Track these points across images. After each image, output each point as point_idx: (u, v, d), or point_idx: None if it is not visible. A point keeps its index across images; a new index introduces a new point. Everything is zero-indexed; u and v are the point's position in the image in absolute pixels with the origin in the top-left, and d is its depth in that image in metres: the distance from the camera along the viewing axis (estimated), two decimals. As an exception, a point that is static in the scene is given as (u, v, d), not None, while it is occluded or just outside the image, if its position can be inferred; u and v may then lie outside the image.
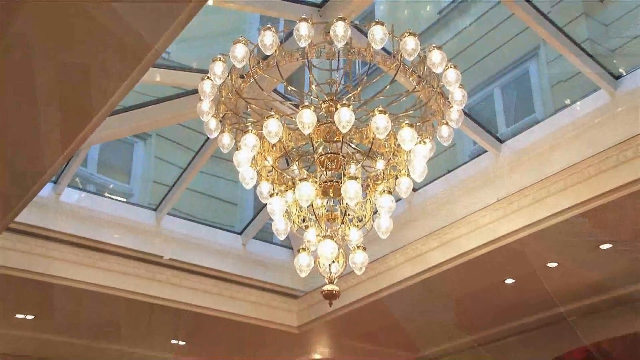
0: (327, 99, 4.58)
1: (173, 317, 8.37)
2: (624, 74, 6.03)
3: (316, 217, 4.53)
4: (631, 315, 7.40)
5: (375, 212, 4.66)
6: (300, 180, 4.33)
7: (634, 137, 5.53)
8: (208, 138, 6.01)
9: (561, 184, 6.05)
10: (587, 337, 7.39)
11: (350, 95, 4.58)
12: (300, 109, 4.16)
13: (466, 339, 9.12)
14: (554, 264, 6.93)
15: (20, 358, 9.45)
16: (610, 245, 6.53)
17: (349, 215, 4.58)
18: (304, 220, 4.66)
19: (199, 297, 8.23)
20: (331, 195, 4.53)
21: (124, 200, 8.65)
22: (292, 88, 5.11)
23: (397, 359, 9.93)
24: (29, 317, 8.30)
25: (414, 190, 7.38)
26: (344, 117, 4.04)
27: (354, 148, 4.74)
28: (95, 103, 4.26)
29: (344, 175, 4.34)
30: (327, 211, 4.58)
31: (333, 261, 4.46)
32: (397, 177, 4.64)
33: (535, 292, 7.60)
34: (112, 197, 8.66)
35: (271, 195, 4.55)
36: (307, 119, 4.11)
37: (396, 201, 4.65)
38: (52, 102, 4.25)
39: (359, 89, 4.64)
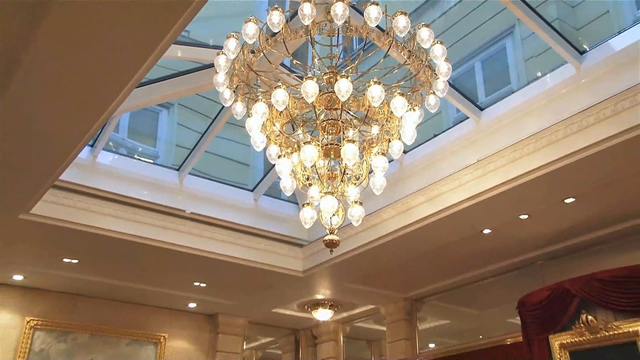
0: (328, 71, 4.57)
1: (194, 263, 8.43)
2: (588, 50, 5.99)
3: (318, 176, 4.56)
4: (589, 259, 7.47)
5: (371, 171, 4.68)
6: (304, 143, 4.33)
7: (595, 105, 5.51)
8: (223, 106, 5.99)
9: (532, 147, 6.03)
10: (551, 278, 7.45)
11: (348, 68, 4.54)
12: (304, 80, 4.14)
13: (449, 281, 9.25)
14: (525, 216, 6.94)
15: (67, 295, 9.62)
16: (573, 200, 6.54)
17: (347, 174, 4.59)
18: (307, 179, 4.68)
19: (217, 245, 8.27)
20: (332, 156, 4.54)
21: (151, 161, 8.65)
22: (297, 62, 5.08)
23: (389, 299, 10.02)
24: (74, 261, 8.40)
25: (405, 152, 7.38)
26: (343, 87, 4.05)
27: (351, 115, 4.73)
28: (124, 76, 4.26)
29: (343, 139, 4.37)
30: (328, 171, 4.59)
31: (333, 214, 4.49)
32: (389, 141, 4.64)
33: (509, 240, 7.66)
34: (141, 158, 8.65)
35: (279, 157, 4.58)
36: (310, 89, 4.10)
37: (389, 162, 4.66)
38: (87, 76, 4.23)
39: (356, 63, 4.60)
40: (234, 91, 4.63)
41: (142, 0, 3.43)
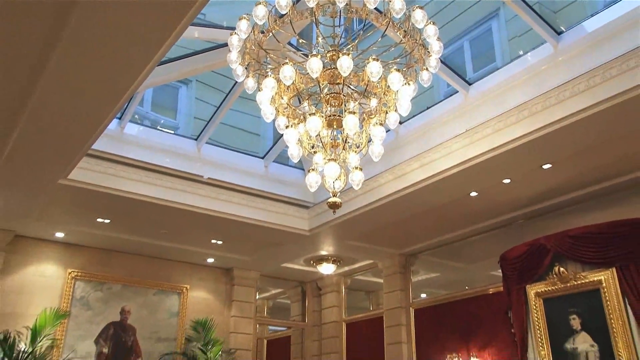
0: (331, 49, 4.52)
1: (212, 223, 8.47)
2: (564, 31, 5.94)
3: (322, 144, 4.55)
4: (563, 218, 7.49)
5: (370, 140, 4.67)
6: (309, 114, 4.33)
7: (571, 81, 5.51)
8: (236, 82, 5.98)
9: (514, 118, 6.01)
10: (529, 235, 7.49)
11: (349, 46, 4.51)
12: (310, 57, 4.12)
13: (439, 238, 9.28)
14: (508, 180, 6.94)
15: (102, 250, 9.70)
16: (550, 165, 6.54)
17: (348, 142, 4.59)
18: (312, 147, 4.66)
19: (231, 207, 8.29)
20: (334, 126, 4.52)
21: (172, 132, 8.63)
22: (303, 41, 5.03)
23: (385, 254, 10.08)
24: (106, 220, 8.47)
25: (400, 122, 7.20)
26: (345, 64, 4.01)
27: (352, 89, 4.70)
28: (147, 55, 4.24)
29: (345, 111, 4.34)
30: (331, 139, 4.58)
31: (336, 179, 4.49)
32: (387, 112, 4.61)
33: (493, 202, 7.67)
34: (163, 129, 8.63)
35: (287, 127, 4.55)
36: (315, 65, 4.08)
37: (386, 131, 4.65)
38: (115, 55, 4.23)
39: (356, 41, 4.58)
40: (246, 68, 4.59)
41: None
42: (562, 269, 6.68)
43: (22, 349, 8.14)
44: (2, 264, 8.68)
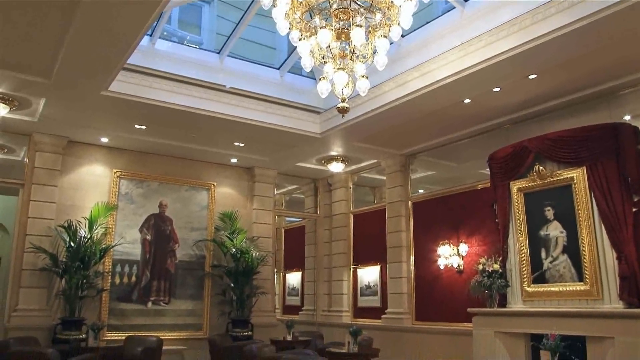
0: (339, -32, 4.42)
1: (234, 127, 8.56)
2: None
3: (332, 55, 4.53)
4: (545, 123, 7.51)
5: (375, 51, 4.66)
6: (320, 28, 4.27)
7: (558, -1, 5.39)
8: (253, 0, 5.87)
9: (505, 32, 5.93)
10: (515, 138, 7.56)
11: (356, -36, 4.41)
12: (320, -24, 4.04)
13: (435, 141, 9.29)
14: (498, 89, 6.94)
15: (141, 153, 9.91)
16: (536, 76, 6.52)
17: (355, 53, 4.56)
18: (323, 58, 4.61)
19: (251, 113, 8.34)
20: (343, 39, 4.49)
21: (197, 47, 8.58)
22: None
23: (388, 155, 10.19)
24: (143, 127, 8.62)
25: (402, 35, 7.15)
26: (352, -19, 3.94)
27: (359, 4, 4.64)
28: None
29: (352, 24, 4.28)
30: (340, 50, 4.54)
31: (344, 86, 4.54)
32: (390, 26, 4.56)
33: (484, 108, 7.68)
34: (189, 45, 8.58)
35: (300, 40, 4.52)
36: (325, -17, 4.01)
37: (389, 43, 4.64)
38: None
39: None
40: (263, -14, 4.54)
41: None
42: (541, 167, 6.87)
43: (83, 235, 8.67)
44: (61, 165, 9.04)
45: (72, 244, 8.45)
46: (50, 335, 8.22)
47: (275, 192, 11.80)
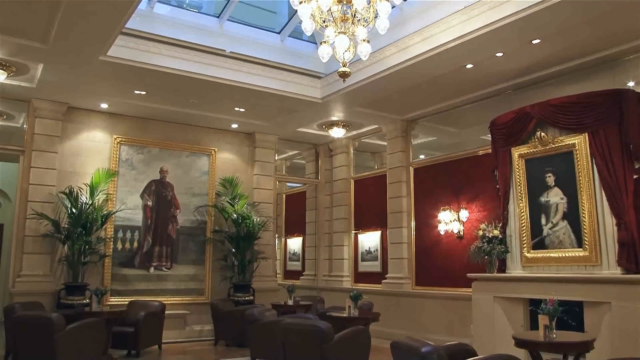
0: None
1: (234, 93, 8.52)
2: None
3: (333, 19, 4.52)
4: (547, 89, 7.46)
5: (376, 15, 4.62)
6: (321, -9, 4.27)
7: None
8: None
9: (509, -5, 5.86)
10: (517, 104, 7.55)
11: None
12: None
13: (437, 106, 9.26)
14: (500, 54, 6.87)
15: (141, 119, 9.89)
16: (539, 41, 6.45)
17: (357, 17, 4.55)
18: (324, 21, 4.62)
19: (251, 78, 8.29)
20: (344, 2, 4.47)
21: (196, 10, 8.44)
22: None
23: (389, 120, 10.18)
24: (143, 92, 8.58)
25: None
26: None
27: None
28: None
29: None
30: (341, 14, 4.53)
31: (346, 50, 4.53)
32: (392, -10, 4.54)
33: (486, 74, 7.63)
34: (188, 8, 8.45)
35: (300, 3, 4.50)
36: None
37: (391, 7, 4.60)
38: None
39: None
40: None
41: None
42: (543, 133, 6.87)
43: (84, 201, 8.75)
44: (61, 132, 9.04)
45: (74, 210, 8.54)
46: (54, 300, 8.40)
47: (276, 158, 11.86)
